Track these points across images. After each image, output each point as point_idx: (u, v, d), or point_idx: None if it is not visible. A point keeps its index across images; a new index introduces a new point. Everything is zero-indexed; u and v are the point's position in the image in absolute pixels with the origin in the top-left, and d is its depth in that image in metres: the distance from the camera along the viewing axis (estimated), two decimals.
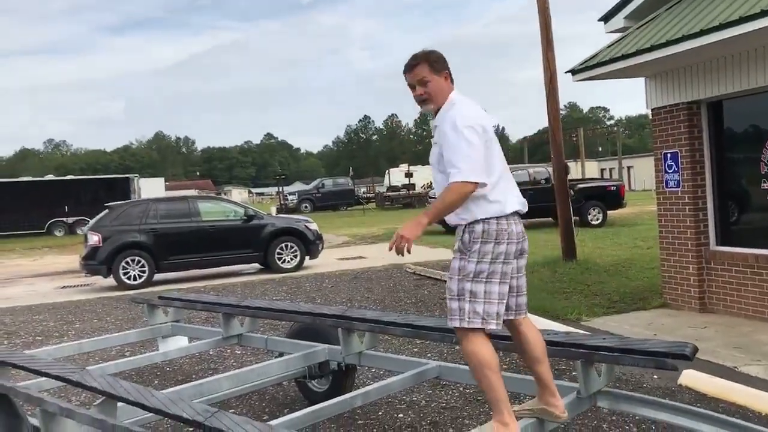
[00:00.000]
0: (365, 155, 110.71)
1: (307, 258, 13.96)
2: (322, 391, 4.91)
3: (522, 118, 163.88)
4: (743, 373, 5.22)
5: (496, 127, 3.22)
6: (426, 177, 41.88)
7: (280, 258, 13.67)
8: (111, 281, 12.79)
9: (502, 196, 3.14)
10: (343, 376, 4.81)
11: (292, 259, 13.76)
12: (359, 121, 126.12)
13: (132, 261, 12.63)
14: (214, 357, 6.77)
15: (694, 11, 6.50)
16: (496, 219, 3.10)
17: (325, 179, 48.98)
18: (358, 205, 42.69)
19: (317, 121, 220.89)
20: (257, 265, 14.29)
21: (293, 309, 5.22)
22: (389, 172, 53.21)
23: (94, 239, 12.58)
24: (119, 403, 3.36)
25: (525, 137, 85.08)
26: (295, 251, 13.79)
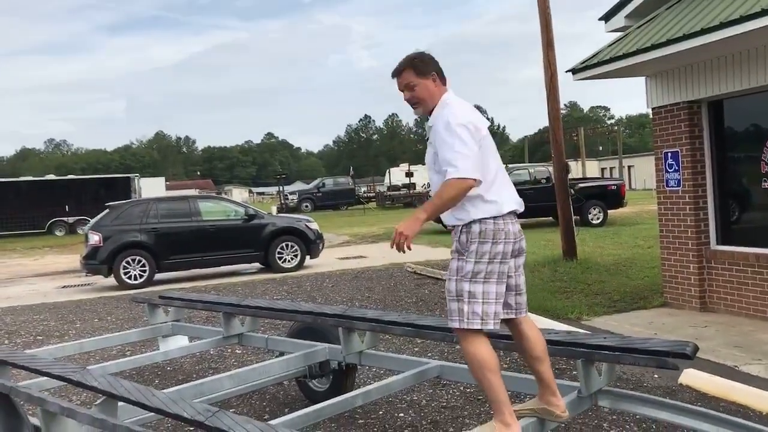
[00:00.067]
0: (366, 155, 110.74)
1: (308, 257, 13.97)
2: (322, 391, 4.91)
3: (522, 117, 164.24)
4: (744, 372, 5.22)
5: (497, 127, 3.25)
6: (426, 176, 41.82)
7: (280, 257, 13.67)
8: (112, 281, 12.81)
9: (498, 196, 3.14)
10: (344, 375, 4.81)
11: (292, 259, 13.76)
12: (360, 121, 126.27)
13: (133, 260, 12.63)
14: (214, 356, 6.77)
15: (694, 10, 6.50)
16: (492, 219, 3.10)
17: (326, 179, 48.96)
18: (358, 205, 42.67)
19: (318, 121, 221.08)
20: (258, 265, 14.30)
21: (294, 308, 5.22)
22: (390, 171, 53.20)
23: (94, 239, 12.59)
24: (120, 403, 3.36)
25: (525, 136, 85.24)
26: (296, 251, 13.79)
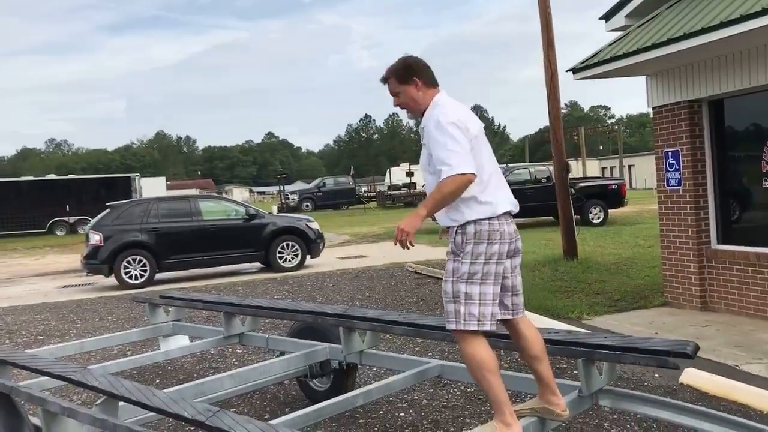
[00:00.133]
0: (366, 154, 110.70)
1: (309, 257, 13.96)
2: (323, 390, 4.91)
3: (522, 117, 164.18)
4: (744, 372, 5.22)
5: (497, 127, 3.25)
6: None
7: (281, 257, 13.67)
8: (112, 280, 12.81)
9: (492, 197, 3.14)
10: (345, 375, 4.81)
11: (293, 258, 13.76)
12: (360, 120, 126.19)
13: (133, 260, 12.63)
14: (215, 356, 6.77)
15: (695, 9, 6.49)
16: (487, 220, 3.10)
17: (326, 178, 48.94)
18: (359, 204, 42.67)
19: (318, 120, 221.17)
20: (258, 264, 14.29)
21: (294, 308, 5.22)
22: (390, 171, 53.15)
23: (95, 238, 12.59)
24: (121, 403, 3.36)
25: (526, 136, 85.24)
26: (297, 250, 13.78)
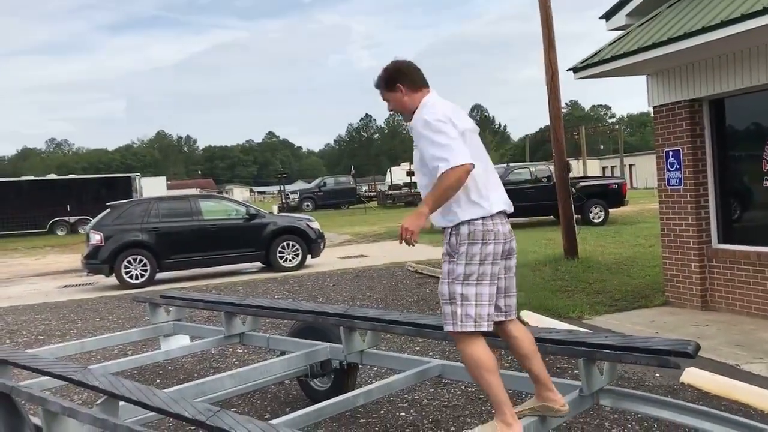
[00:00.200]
0: (367, 154, 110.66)
1: (309, 257, 13.96)
2: (324, 390, 4.91)
3: (523, 116, 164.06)
4: (745, 371, 5.21)
5: (497, 126, 3.24)
6: None
7: (281, 257, 13.67)
8: (113, 280, 12.81)
9: (485, 197, 3.14)
10: (345, 374, 4.81)
11: (293, 258, 13.76)
12: (361, 120, 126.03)
13: (134, 260, 12.63)
14: (215, 356, 6.77)
15: (695, 8, 6.49)
16: (481, 220, 3.10)
17: (327, 178, 48.91)
18: (359, 204, 42.65)
19: (319, 120, 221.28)
20: (259, 264, 14.30)
21: (295, 308, 5.22)
22: (391, 170, 53.18)
23: (96, 238, 12.59)
24: (121, 402, 3.36)
25: (526, 135, 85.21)
26: (297, 250, 13.78)
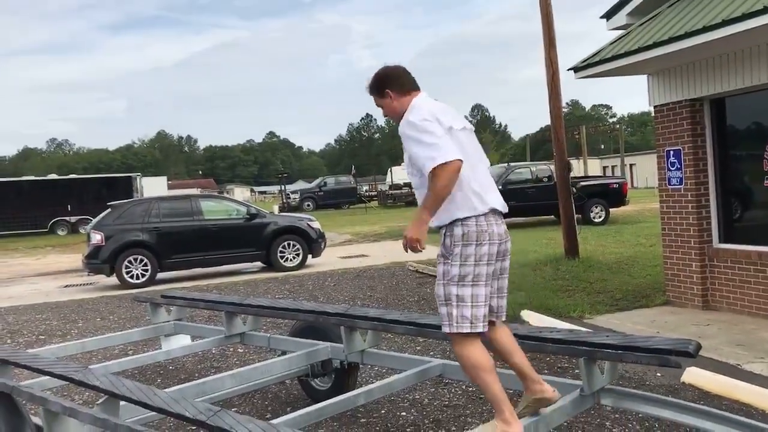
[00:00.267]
0: (367, 153, 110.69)
1: (310, 256, 13.96)
2: (324, 390, 4.91)
3: (523, 116, 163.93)
4: (746, 371, 5.21)
5: (498, 126, 3.24)
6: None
7: (282, 256, 13.67)
8: (114, 280, 12.81)
9: (478, 195, 3.14)
10: (346, 374, 4.81)
11: (294, 258, 13.76)
12: (361, 120, 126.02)
13: (135, 260, 12.64)
14: (216, 355, 6.77)
15: (696, 8, 6.48)
16: (474, 219, 3.09)
17: (328, 177, 48.89)
18: (360, 204, 42.65)
19: (319, 120, 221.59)
20: (260, 264, 14.30)
21: (296, 307, 5.21)
22: (391, 170, 53.10)
23: (96, 238, 12.59)
24: (122, 402, 3.36)
25: (527, 135, 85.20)
26: (298, 250, 13.78)
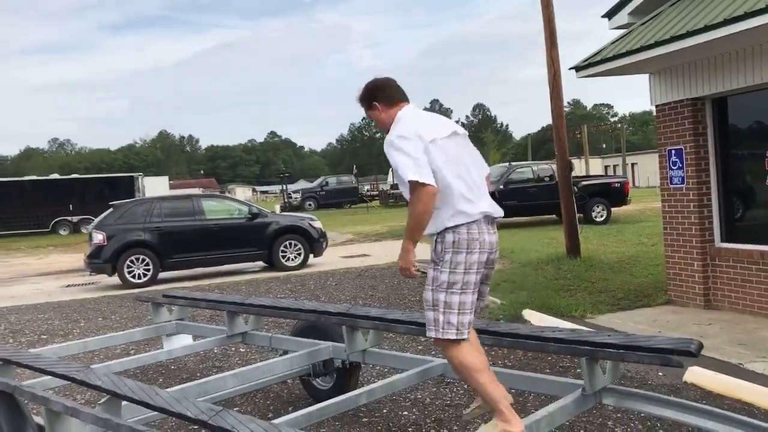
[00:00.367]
0: (369, 153, 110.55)
1: (312, 256, 13.97)
2: (326, 389, 4.92)
3: (524, 116, 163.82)
4: (748, 370, 5.20)
5: (499, 125, 3.26)
6: None
7: (284, 256, 13.68)
8: (115, 280, 12.83)
9: (469, 201, 3.15)
10: (348, 373, 4.81)
11: (296, 257, 13.76)
12: (363, 119, 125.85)
13: (136, 259, 12.65)
14: (218, 355, 6.77)
15: (698, 7, 6.47)
16: (465, 226, 3.11)
17: (329, 177, 48.80)
18: (361, 203, 42.59)
19: (321, 119, 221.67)
20: (261, 264, 14.31)
21: (297, 307, 5.22)
22: (393, 170, 53.04)
23: (98, 238, 12.60)
24: (124, 402, 3.37)
25: (528, 134, 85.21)
26: (299, 249, 13.79)
